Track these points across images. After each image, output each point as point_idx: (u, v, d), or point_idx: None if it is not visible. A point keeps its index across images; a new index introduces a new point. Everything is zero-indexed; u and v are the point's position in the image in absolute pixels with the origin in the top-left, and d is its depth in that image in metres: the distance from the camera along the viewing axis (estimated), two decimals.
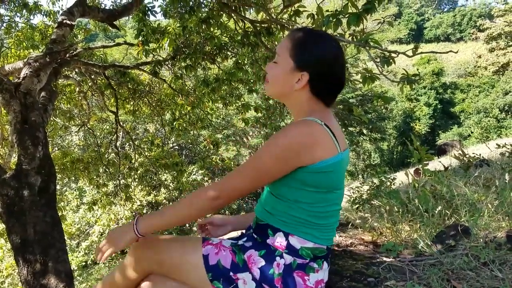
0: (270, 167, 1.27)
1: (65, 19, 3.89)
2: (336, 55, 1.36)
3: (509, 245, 1.82)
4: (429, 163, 4.18)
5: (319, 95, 1.38)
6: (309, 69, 1.33)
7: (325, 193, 1.33)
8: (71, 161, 7.38)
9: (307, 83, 1.34)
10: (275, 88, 1.42)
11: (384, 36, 47.10)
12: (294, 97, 1.40)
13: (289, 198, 1.34)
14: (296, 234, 1.35)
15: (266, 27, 4.98)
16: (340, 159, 1.32)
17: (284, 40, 1.40)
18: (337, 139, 1.31)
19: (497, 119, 36.60)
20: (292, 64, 1.35)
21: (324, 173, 1.28)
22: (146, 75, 7.24)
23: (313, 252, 1.36)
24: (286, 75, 1.37)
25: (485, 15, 55.66)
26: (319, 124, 1.28)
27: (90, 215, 12.74)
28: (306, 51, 1.34)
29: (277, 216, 1.38)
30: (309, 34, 1.37)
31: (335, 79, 1.37)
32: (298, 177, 1.30)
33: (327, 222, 1.38)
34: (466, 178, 3.55)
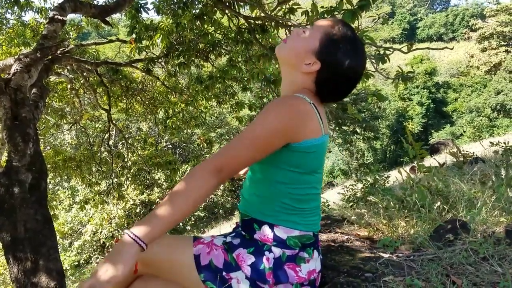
0: (264, 138, 1.22)
1: (56, 15, 3.84)
2: (355, 71, 1.33)
3: (508, 240, 1.80)
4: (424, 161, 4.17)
5: (318, 91, 1.36)
6: (324, 64, 1.31)
7: (305, 175, 1.31)
8: (63, 159, 7.32)
9: (315, 72, 1.32)
10: (287, 53, 1.37)
11: (377, 35, 47.32)
12: (295, 74, 1.37)
13: (270, 178, 1.32)
14: (280, 224, 1.32)
15: (260, 24, 4.95)
16: (323, 141, 1.30)
17: (328, 21, 1.36)
18: (322, 121, 1.30)
19: (489, 118, 36.92)
20: (316, 47, 1.31)
21: (307, 153, 1.27)
22: (139, 72, 7.19)
23: (300, 241, 1.33)
24: (304, 50, 1.33)
25: (477, 15, 56.08)
26: (307, 103, 1.26)
27: (82, 214, 12.67)
28: (334, 49, 1.30)
29: (259, 205, 1.36)
30: (349, 37, 1.32)
31: (340, 87, 1.36)
32: (281, 156, 1.27)
33: (308, 206, 1.35)
34: (461, 175, 3.55)
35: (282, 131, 1.22)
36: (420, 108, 39.72)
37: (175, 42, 5.77)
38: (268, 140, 1.22)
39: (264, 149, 1.24)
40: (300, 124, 1.23)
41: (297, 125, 1.23)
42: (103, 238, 12.65)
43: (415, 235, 2.07)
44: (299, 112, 1.23)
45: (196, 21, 4.83)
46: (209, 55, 6.00)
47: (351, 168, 32.35)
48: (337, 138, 27.42)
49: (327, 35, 1.32)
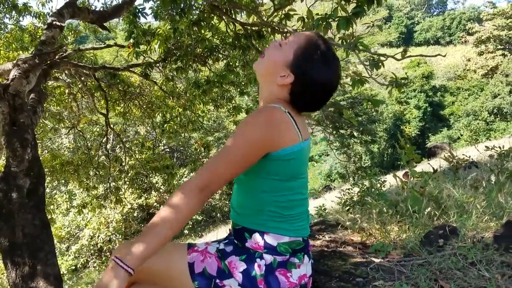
0: (244, 152, 1.25)
1: (54, 21, 3.87)
2: (328, 84, 1.37)
3: (496, 245, 1.84)
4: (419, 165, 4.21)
5: (293, 102, 1.40)
6: (298, 77, 1.35)
7: (288, 181, 1.34)
8: (61, 163, 7.33)
9: (289, 84, 1.36)
10: (264, 66, 1.42)
11: (374, 40, 47.51)
12: (272, 86, 1.41)
13: (254, 189, 1.35)
14: (270, 232, 1.35)
15: (257, 30, 4.99)
16: (301, 148, 1.33)
17: (303, 35, 1.40)
18: (299, 128, 1.33)
19: (486, 122, 37.04)
20: (290, 60, 1.36)
21: (286, 161, 1.29)
22: (136, 77, 7.22)
23: (290, 247, 1.36)
24: (279, 63, 1.38)
25: (474, 18, 56.28)
26: (283, 112, 1.30)
27: (80, 218, 12.65)
28: (307, 62, 1.35)
29: (248, 216, 1.39)
30: (323, 50, 1.37)
31: (314, 99, 1.39)
32: (262, 166, 1.30)
33: (294, 213, 1.38)
34: (455, 180, 3.59)
35: (260, 143, 1.25)
36: (417, 111, 39.80)
37: (173, 47, 5.81)
38: (248, 153, 1.25)
39: (245, 162, 1.27)
40: (277, 133, 1.26)
41: (274, 134, 1.26)
42: (101, 242, 12.63)
43: (406, 240, 2.11)
44: (275, 121, 1.27)
45: (194, 26, 4.87)
46: (207, 60, 6.04)
47: (348, 171, 32.39)
48: (335, 141, 27.46)
49: (301, 48, 1.36)
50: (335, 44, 3.57)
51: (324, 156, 35.42)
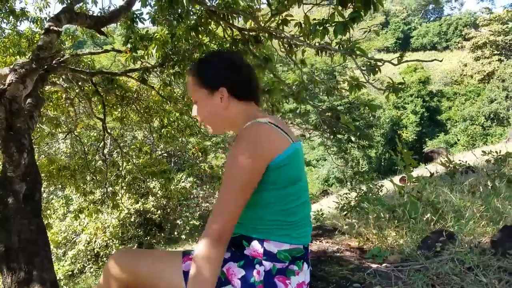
0: (247, 180, 1.26)
1: (52, 26, 3.87)
2: (231, 59, 1.45)
3: (493, 250, 1.84)
4: (416, 170, 4.21)
5: (245, 97, 1.43)
6: (220, 82, 1.40)
7: (287, 188, 1.33)
8: (58, 168, 7.29)
9: (229, 95, 1.40)
10: (213, 121, 1.46)
11: (371, 45, 47.66)
12: (230, 116, 1.43)
13: (256, 202, 1.33)
14: (270, 239, 1.34)
15: (254, 35, 5.00)
16: (294, 150, 1.33)
17: (187, 83, 1.48)
18: (286, 132, 1.34)
19: (483, 127, 37.18)
20: (205, 91, 1.41)
21: (282, 167, 1.29)
22: (134, 81, 7.22)
23: (290, 254, 1.35)
24: (209, 105, 1.42)
25: (470, 24, 56.59)
26: (264, 123, 1.31)
27: (76, 224, 12.58)
28: (206, 73, 1.41)
29: (249, 225, 1.38)
30: (200, 61, 1.48)
31: (244, 76, 1.44)
32: (262, 179, 1.30)
33: (297, 218, 1.37)
34: (452, 185, 3.60)
35: (257, 164, 1.25)
36: (414, 116, 39.92)
37: (171, 52, 5.80)
38: (251, 179, 1.26)
39: (251, 188, 1.28)
40: (268, 145, 1.27)
41: (265, 148, 1.27)
42: (97, 247, 12.56)
43: (404, 245, 2.11)
44: (261, 136, 1.28)
45: (191, 32, 4.88)
46: None
47: (346, 176, 32.41)
48: (332, 146, 27.49)
49: (194, 79, 1.44)
50: (332, 49, 3.59)
51: (322, 161, 35.44)
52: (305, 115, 26.53)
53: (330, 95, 5.22)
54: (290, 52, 4.91)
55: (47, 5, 7.19)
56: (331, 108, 22.08)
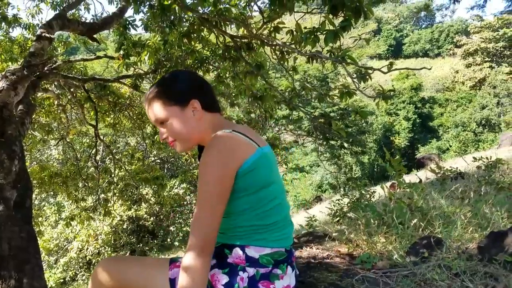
0: (220, 189, 1.27)
1: (44, 32, 3.88)
2: (193, 74, 1.53)
3: (480, 256, 1.87)
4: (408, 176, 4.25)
5: (212, 108, 1.47)
6: (191, 95, 1.43)
7: (259, 192, 1.34)
8: (50, 175, 7.25)
9: (201, 108, 1.43)
10: (186, 136, 1.45)
11: (363, 52, 48.06)
12: (202, 128, 1.45)
13: (231, 210, 1.35)
14: (251, 244, 1.36)
15: (247, 42, 5.03)
16: (261, 154, 1.34)
17: (150, 108, 1.46)
18: (251, 138, 1.36)
19: (475, 133, 37.49)
20: (177, 107, 1.42)
21: (251, 171, 1.30)
22: (126, 88, 7.22)
23: (273, 258, 1.37)
24: (183, 119, 1.42)
25: (461, 31, 57.21)
26: (228, 132, 1.33)
27: (68, 231, 12.49)
28: (175, 89, 1.43)
29: (227, 234, 1.40)
30: (162, 81, 1.49)
31: (206, 88, 1.49)
32: (233, 187, 1.31)
33: (275, 220, 1.38)
34: (442, 191, 3.63)
35: (227, 172, 1.27)
36: (407, 122, 40.18)
37: (163, 59, 5.82)
38: (223, 188, 1.28)
39: (225, 197, 1.30)
40: (234, 153, 1.29)
41: (232, 155, 1.28)
42: (89, 255, 12.47)
43: (392, 251, 2.13)
44: (227, 144, 1.30)
45: (184, 38, 4.90)
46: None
47: (339, 182, 32.48)
48: (325, 152, 27.57)
49: (162, 99, 1.44)
50: (323, 57, 3.63)
51: (315, 167, 35.50)
52: (298, 121, 26.63)
53: (322, 102, 5.26)
54: (282, 59, 4.94)
55: (39, 11, 7.18)
56: (323, 115, 22.14)
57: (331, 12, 3.02)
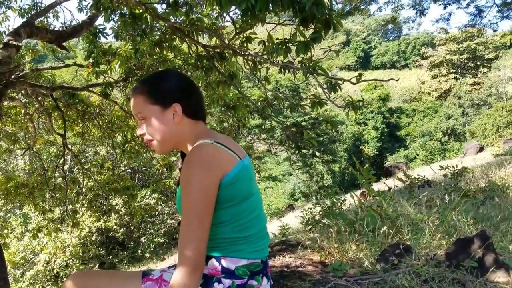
0: (204, 203, 1.26)
1: (11, 40, 3.79)
2: (184, 77, 1.49)
3: (448, 263, 1.92)
4: (377, 184, 4.33)
5: (195, 116, 1.44)
6: (174, 98, 1.40)
7: (241, 203, 1.34)
8: (16, 186, 7.04)
9: (182, 112, 1.40)
10: (162, 138, 1.42)
11: (333, 63, 48.93)
12: (180, 133, 1.43)
13: (212, 222, 1.32)
14: (227, 256, 1.35)
15: (219, 52, 5.05)
16: (243, 166, 1.35)
17: (133, 101, 1.44)
18: (232, 150, 1.35)
19: (441, 142, 38.61)
20: (158, 107, 1.40)
21: (232, 184, 1.30)
22: (96, 96, 7.10)
23: (249, 269, 1.36)
24: (161, 120, 1.40)
25: (427, 43, 59.05)
26: (209, 143, 1.32)
27: (35, 243, 12.10)
28: (160, 89, 1.41)
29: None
30: (151, 78, 1.46)
31: (195, 95, 1.45)
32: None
33: (253, 232, 1.38)
34: (410, 199, 3.72)
35: (210, 184, 1.25)
36: (375, 132, 41.03)
37: (134, 67, 5.77)
38: (207, 200, 1.26)
39: (211, 208, 1.27)
40: (216, 165, 1.28)
41: (214, 168, 1.27)
42: (57, 267, 12.10)
43: (363, 258, 2.17)
44: (208, 157, 1.28)
45: (155, 47, 4.87)
46: None
47: (311, 190, 32.77)
48: (297, 161, 27.77)
49: (144, 96, 1.41)
50: (295, 67, 3.68)
51: (287, 175, 35.71)
52: (271, 130, 26.75)
53: (293, 111, 5.32)
54: (255, 69, 4.98)
55: (6, 18, 7.01)
56: (295, 124, 22.37)
57: (301, 24, 3.07)
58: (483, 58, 44.43)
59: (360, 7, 11.49)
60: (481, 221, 2.88)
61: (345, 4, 11.08)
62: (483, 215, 3.10)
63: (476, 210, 3.23)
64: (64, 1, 6.00)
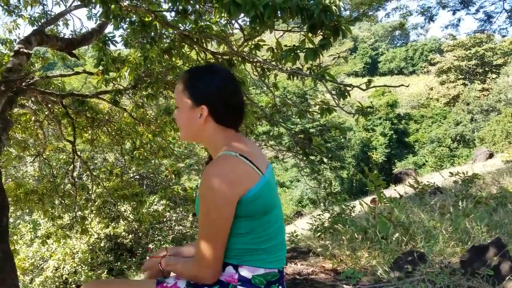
0: (222, 218, 1.26)
1: (22, 48, 3.83)
2: (224, 82, 1.41)
3: (463, 270, 1.89)
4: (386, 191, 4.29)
5: (224, 123, 1.41)
6: (204, 101, 1.38)
7: (261, 218, 1.33)
8: (25, 192, 7.08)
9: (208, 114, 1.38)
10: (185, 130, 1.46)
11: (340, 69, 48.91)
12: (204, 133, 1.42)
13: (231, 232, 1.32)
14: (245, 264, 1.34)
15: (228, 59, 5.06)
16: (265, 182, 1.33)
17: (177, 85, 1.46)
18: (256, 164, 1.33)
19: (450, 149, 38.31)
20: (190, 102, 1.40)
21: (254, 200, 1.29)
22: (105, 103, 7.14)
23: (265, 278, 1.35)
24: (189, 115, 1.41)
25: (435, 49, 58.85)
26: (234, 156, 1.30)
27: (44, 249, 12.14)
28: (196, 87, 1.40)
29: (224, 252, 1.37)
30: (195, 71, 1.45)
31: (231, 103, 1.41)
32: (235, 212, 1.29)
33: (272, 244, 1.38)
34: (421, 205, 3.68)
35: (229, 199, 1.25)
36: (383, 138, 40.84)
37: (143, 75, 5.80)
38: (223, 217, 1.26)
39: (228, 222, 1.28)
40: (238, 182, 1.26)
41: (236, 185, 1.26)
42: (66, 274, 12.12)
43: (376, 266, 2.14)
44: (231, 173, 1.27)
45: (164, 54, 4.90)
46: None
47: (319, 197, 32.63)
48: (305, 167, 27.69)
49: (183, 86, 1.42)
50: (303, 74, 3.68)
51: (295, 182, 35.62)
52: (278, 137, 26.78)
53: (302, 118, 5.31)
54: (263, 76, 4.99)
55: (16, 27, 7.10)
56: (303, 131, 22.36)
57: (310, 30, 3.07)
58: (491, 64, 44.11)
59: (368, 13, 11.49)
60: (494, 228, 2.84)
61: (353, 11, 11.09)
62: (496, 222, 3.06)
63: (489, 217, 3.19)
64: (74, 9, 6.08)
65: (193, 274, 1.35)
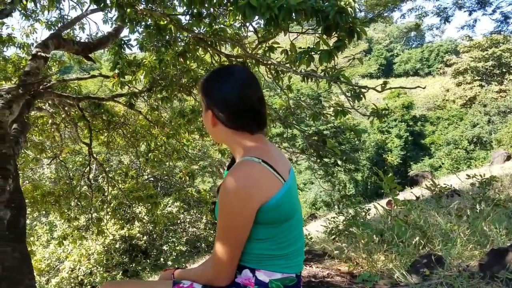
0: (240, 223, 1.26)
1: (39, 51, 3.89)
2: (234, 87, 1.36)
3: (482, 274, 1.86)
4: (402, 193, 4.25)
5: (234, 127, 1.38)
6: (211, 107, 1.38)
7: (282, 225, 1.32)
8: (42, 194, 7.18)
9: (217, 119, 1.38)
10: (208, 131, 1.48)
11: (355, 71, 48.66)
12: (220, 137, 1.44)
13: (250, 237, 1.31)
14: (263, 269, 1.33)
15: (242, 61, 5.07)
16: (286, 189, 1.31)
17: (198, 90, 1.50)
18: (278, 170, 1.30)
19: (467, 151, 37.76)
20: (204, 106, 1.43)
21: (276, 208, 1.27)
22: (121, 106, 7.21)
23: (283, 283, 1.34)
24: (205, 118, 1.44)
25: (451, 51, 58.16)
26: (256, 163, 1.27)
27: (60, 250, 12.30)
28: (208, 91, 1.41)
29: (241, 256, 1.36)
30: (210, 75, 1.44)
31: (240, 108, 1.36)
32: (255, 218, 1.28)
33: (291, 250, 1.37)
34: (438, 208, 3.63)
35: (249, 207, 1.24)
36: (399, 140, 40.46)
37: (158, 78, 5.84)
38: (245, 222, 1.25)
39: (247, 229, 1.27)
40: (260, 190, 1.25)
41: (257, 193, 1.24)
42: (81, 275, 12.26)
43: (393, 269, 2.11)
44: (253, 180, 1.25)
45: (179, 58, 4.93)
46: (192, 90, 6.08)
47: (333, 199, 32.47)
48: (319, 170, 27.58)
49: (200, 91, 1.45)
50: (318, 76, 3.66)
51: (309, 184, 35.50)
52: (292, 139, 26.72)
53: (316, 120, 5.28)
54: (277, 78, 4.98)
55: (34, 31, 7.21)
56: (317, 133, 22.24)
57: (325, 32, 3.05)
58: (509, 65, 43.42)
59: (383, 14, 11.41)
60: None
61: (368, 12, 11.03)
62: None
63: (508, 220, 3.13)
64: (90, 13, 6.15)
65: (207, 277, 1.36)
